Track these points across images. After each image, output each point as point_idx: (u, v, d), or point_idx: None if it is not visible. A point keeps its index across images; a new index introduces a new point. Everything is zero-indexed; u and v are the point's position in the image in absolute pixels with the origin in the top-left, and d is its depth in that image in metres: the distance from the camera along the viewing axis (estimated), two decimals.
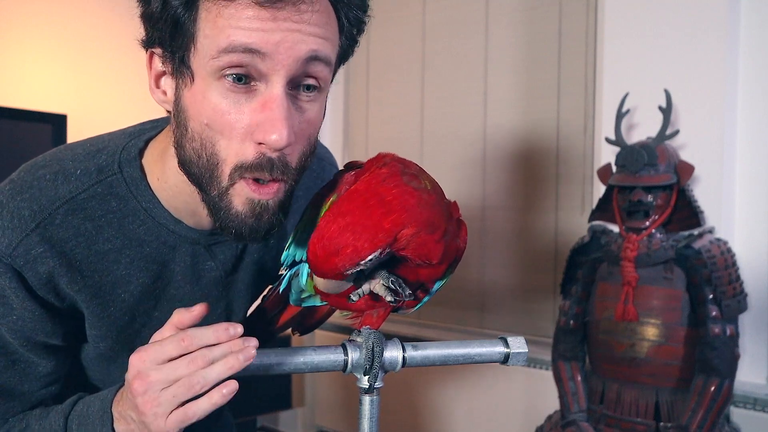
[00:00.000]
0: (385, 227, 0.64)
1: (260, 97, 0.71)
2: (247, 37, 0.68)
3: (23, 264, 0.78)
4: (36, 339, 0.82)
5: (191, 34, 0.71)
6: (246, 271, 0.97)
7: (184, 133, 0.76)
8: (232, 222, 0.76)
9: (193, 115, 0.74)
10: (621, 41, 2.09)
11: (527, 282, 2.53)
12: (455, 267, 0.77)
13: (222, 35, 0.69)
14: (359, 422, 0.77)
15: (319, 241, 0.65)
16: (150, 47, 0.77)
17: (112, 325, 0.86)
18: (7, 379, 0.83)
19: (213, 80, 0.71)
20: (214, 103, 0.71)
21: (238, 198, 0.75)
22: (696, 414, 1.64)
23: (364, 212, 0.65)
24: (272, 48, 0.69)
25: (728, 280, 1.70)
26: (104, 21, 2.67)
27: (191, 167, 0.76)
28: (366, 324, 0.78)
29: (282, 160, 0.73)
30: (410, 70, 2.89)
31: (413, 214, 0.66)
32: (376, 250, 0.64)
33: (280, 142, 0.70)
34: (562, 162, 2.44)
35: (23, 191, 0.79)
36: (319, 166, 1.05)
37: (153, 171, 0.84)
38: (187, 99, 0.74)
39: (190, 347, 0.68)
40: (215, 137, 0.73)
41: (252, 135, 0.72)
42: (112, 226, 0.82)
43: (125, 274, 0.84)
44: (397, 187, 0.67)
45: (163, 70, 0.78)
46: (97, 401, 0.78)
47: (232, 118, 0.71)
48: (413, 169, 0.72)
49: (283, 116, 0.70)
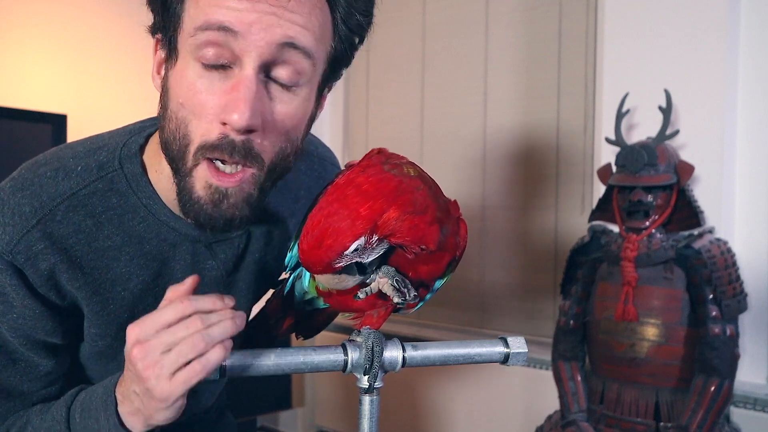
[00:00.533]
0: (362, 214, 0.65)
1: (232, 80, 0.72)
2: (223, 15, 0.70)
3: (24, 261, 0.77)
4: (36, 337, 0.82)
5: (178, 15, 0.73)
6: (247, 271, 0.97)
7: (164, 113, 0.77)
8: (192, 207, 0.76)
9: (173, 95, 0.75)
10: (621, 41, 2.09)
11: (527, 282, 2.53)
12: (455, 266, 0.77)
13: (200, 14, 0.71)
14: (359, 422, 0.77)
15: (304, 236, 0.66)
16: (154, 34, 0.79)
17: (111, 322, 0.86)
18: (7, 378, 0.83)
19: (191, 59, 0.73)
20: (189, 81, 0.73)
21: (199, 182, 0.75)
22: (696, 414, 1.64)
23: (341, 203, 0.65)
24: (246, 28, 0.70)
25: (728, 280, 1.70)
26: (104, 21, 2.67)
27: (169, 149, 0.77)
28: (366, 324, 0.78)
29: (246, 144, 0.73)
30: (410, 70, 2.88)
31: (391, 197, 0.66)
32: (357, 238, 0.64)
33: (240, 122, 0.71)
34: (562, 162, 2.44)
35: (24, 188, 0.79)
36: (321, 166, 1.05)
37: (152, 164, 0.84)
38: (171, 79, 0.76)
39: (187, 310, 0.68)
40: (188, 117, 0.74)
41: (218, 116, 0.73)
42: (112, 223, 0.82)
43: (125, 271, 0.84)
44: (374, 175, 0.67)
45: (163, 57, 0.79)
46: (99, 388, 0.78)
47: (204, 98, 0.72)
48: (397, 160, 0.72)
49: (247, 97, 0.71)
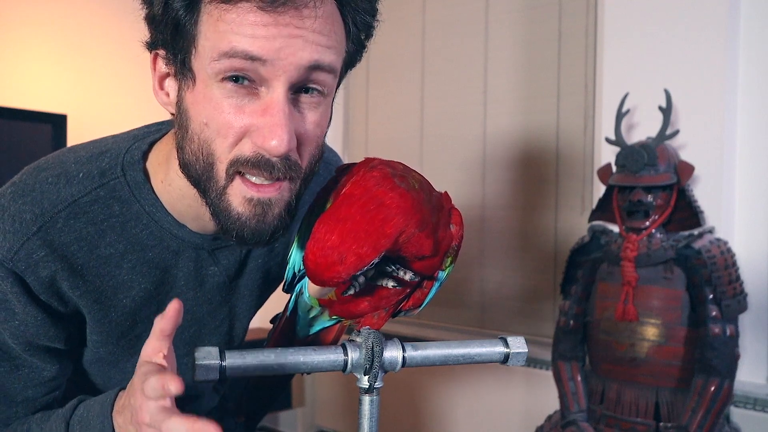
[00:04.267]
0: (388, 232, 0.64)
1: (261, 101, 0.71)
2: (249, 44, 0.68)
3: (25, 268, 0.77)
4: (39, 343, 0.81)
5: (192, 36, 0.71)
6: (250, 277, 0.96)
7: (184, 135, 0.75)
8: (233, 225, 0.74)
9: (194, 116, 0.73)
10: (621, 41, 2.09)
11: (527, 282, 2.53)
12: (456, 256, 0.77)
13: (224, 40, 0.69)
14: (359, 422, 0.77)
15: (320, 250, 0.63)
16: (154, 49, 0.77)
17: (113, 330, 0.86)
18: (10, 384, 0.83)
19: (214, 82, 0.71)
20: (215, 102, 0.71)
21: (236, 198, 0.74)
22: (696, 414, 1.64)
23: (364, 217, 0.64)
24: (273, 55, 0.69)
25: (728, 280, 1.70)
26: (104, 21, 2.67)
27: (191, 170, 0.76)
28: (366, 324, 0.78)
29: (284, 162, 0.72)
30: (410, 70, 2.88)
31: (409, 216, 0.66)
32: (378, 255, 0.64)
33: (280, 149, 0.70)
34: (562, 162, 2.44)
35: (25, 194, 0.78)
36: (325, 168, 1.04)
37: (157, 174, 0.83)
38: (189, 100, 0.74)
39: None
40: (212, 137, 0.72)
41: (251, 136, 0.71)
42: (114, 231, 0.81)
43: (127, 279, 0.84)
44: (392, 190, 0.67)
45: (166, 72, 0.77)
46: (96, 405, 0.77)
47: (231, 118, 0.71)
48: (399, 170, 0.72)
49: (283, 122, 0.70)
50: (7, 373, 0.82)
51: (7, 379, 0.82)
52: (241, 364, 0.71)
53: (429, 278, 0.77)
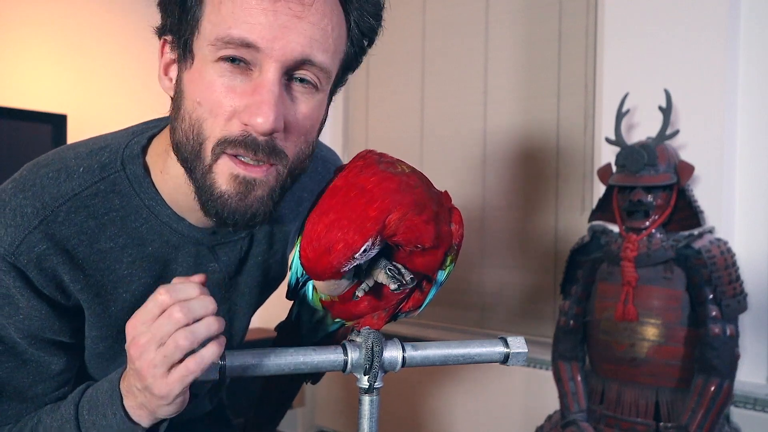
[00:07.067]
0: (372, 215, 0.64)
1: (253, 82, 0.73)
2: (245, 31, 0.70)
3: (27, 262, 0.77)
4: (44, 337, 0.82)
5: (197, 18, 0.74)
6: (250, 274, 0.97)
7: (176, 115, 0.77)
8: (215, 202, 0.75)
9: (188, 94, 0.75)
10: (621, 41, 2.09)
11: (527, 282, 2.53)
12: (456, 256, 0.77)
13: (223, 25, 0.71)
14: (359, 422, 0.77)
15: (309, 243, 0.65)
16: (163, 35, 0.80)
17: (112, 324, 0.86)
18: (19, 379, 0.83)
19: (210, 62, 0.73)
20: (209, 81, 0.73)
21: (222, 176, 0.75)
22: (696, 414, 1.64)
23: (346, 205, 0.64)
24: (267, 44, 0.71)
25: (728, 280, 1.70)
26: (104, 21, 2.67)
27: (182, 150, 0.77)
28: (366, 324, 0.78)
29: (270, 143, 0.74)
30: (410, 70, 2.88)
31: (396, 197, 0.65)
32: (367, 240, 0.64)
33: (265, 125, 0.71)
34: (562, 162, 2.44)
35: (26, 189, 0.79)
36: (324, 168, 1.05)
37: (156, 164, 0.84)
38: (186, 80, 0.76)
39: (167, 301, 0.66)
40: (203, 116, 0.74)
41: (239, 116, 0.73)
42: (114, 224, 0.82)
43: (127, 273, 0.84)
44: (375, 175, 0.67)
45: (172, 58, 0.80)
46: (105, 383, 0.78)
47: (223, 97, 0.73)
48: (388, 158, 0.73)
49: (271, 101, 0.71)
50: (15, 369, 0.82)
51: (15, 374, 0.82)
52: (241, 363, 0.71)
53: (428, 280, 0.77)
